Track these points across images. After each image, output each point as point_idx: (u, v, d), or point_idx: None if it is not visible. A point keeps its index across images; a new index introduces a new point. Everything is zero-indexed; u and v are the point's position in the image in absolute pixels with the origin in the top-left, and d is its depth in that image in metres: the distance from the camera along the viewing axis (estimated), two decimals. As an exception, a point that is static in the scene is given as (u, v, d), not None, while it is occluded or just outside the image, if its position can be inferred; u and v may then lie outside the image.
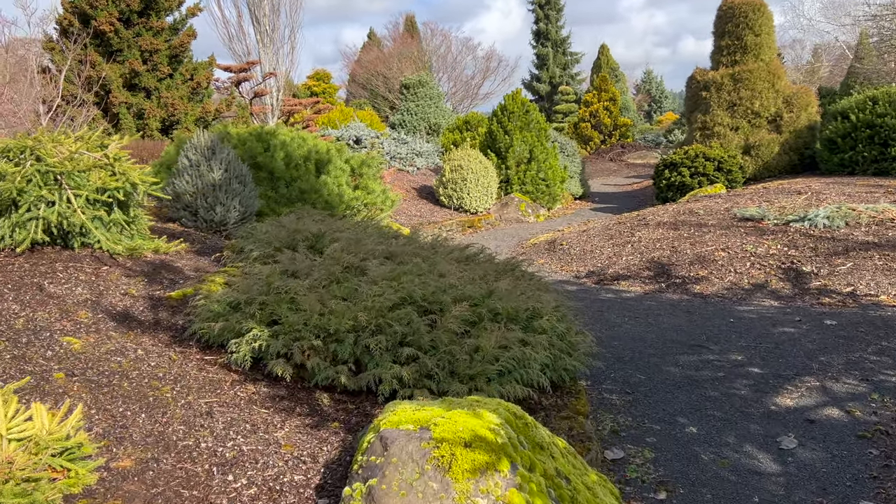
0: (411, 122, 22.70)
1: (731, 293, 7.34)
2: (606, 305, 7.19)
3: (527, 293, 4.46)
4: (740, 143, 14.08)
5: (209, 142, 7.12)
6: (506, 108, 14.65)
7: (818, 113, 14.12)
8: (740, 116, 14.18)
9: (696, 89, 14.93)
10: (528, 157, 14.51)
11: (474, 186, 13.32)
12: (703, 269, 7.95)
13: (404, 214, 12.53)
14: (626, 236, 9.51)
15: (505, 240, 11.69)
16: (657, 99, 51.71)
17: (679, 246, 8.64)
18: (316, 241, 4.83)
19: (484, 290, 4.20)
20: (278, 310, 3.61)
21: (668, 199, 13.43)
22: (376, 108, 32.06)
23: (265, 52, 18.21)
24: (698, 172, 13.12)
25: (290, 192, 8.78)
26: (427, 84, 23.40)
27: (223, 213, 6.96)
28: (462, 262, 5.41)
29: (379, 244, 5.11)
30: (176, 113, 11.84)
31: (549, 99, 41.65)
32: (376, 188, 10.15)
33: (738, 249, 8.17)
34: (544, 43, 41.72)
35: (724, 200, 10.67)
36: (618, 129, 30.59)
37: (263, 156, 8.70)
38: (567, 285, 8.16)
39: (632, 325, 6.48)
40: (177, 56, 12.40)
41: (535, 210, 14.01)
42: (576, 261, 9.18)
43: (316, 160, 9.24)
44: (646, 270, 8.28)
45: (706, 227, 9.11)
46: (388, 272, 4.12)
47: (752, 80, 13.90)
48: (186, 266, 4.85)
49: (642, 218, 10.32)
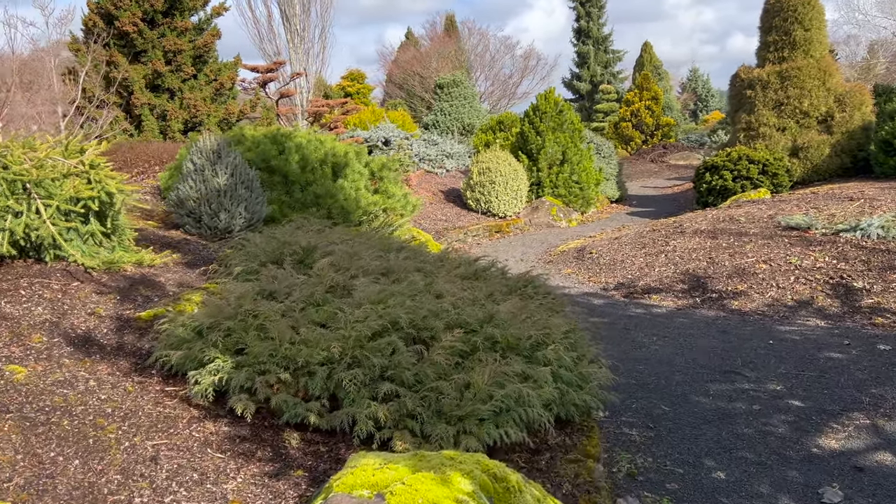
0: (444, 123, 22.30)
1: (773, 310, 6.72)
2: (634, 322, 6.66)
3: (534, 317, 3.99)
4: (787, 145, 13.28)
5: (215, 145, 6.82)
6: (538, 108, 14.12)
7: (873, 112, 13.22)
8: (788, 116, 13.38)
9: (741, 88, 14.16)
10: (561, 158, 13.95)
11: (503, 190, 12.83)
12: (743, 282, 7.35)
13: (429, 219, 12.12)
14: (659, 245, 8.93)
15: (533, 246, 11.18)
16: (703, 98, 50.31)
17: (717, 257, 8.03)
18: (306, 255, 4.44)
19: (483, 314, 3.75)
20: (245, 337, 3.23)
21: (709, 203, 12.73)
22: (412, 109, 31.77)
23: (295, 52, 18.04)
24: (741, 176, 12.39)
25: (305, 196, 8.44)
26: (461, 84, 22.96)
27: (228, 219, 6.64)
28: (469, 278, 4.97)
29: (376, 258, 4.70)
30: (198, 114, 11.65)
31: (589, 98, 40.78)
32: (397, 192, 9.76)
33: (782, 262, 7.53)
34: (585, 41, 40.86)
35: (768, 207, 9.97)
36: (660, 129, 29.68)
37: (278, 159, 8.39)
38: (593, 299, 7.64)
39: (660, 345, 5.95)
40: (201, 56, 12.22)
41: (568, 214, 13.45)
42: (605, 271, 8.63)
43: (333, 163, 8.89)
44: (679, 283, 7.70)
45: (747, 236, 8.47)
46: (375, 293, 3.70)
47: (800, 77, 13.08)
48: (170, 280, 4.52)
49: (678, 225, 9.70)
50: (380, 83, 36.24)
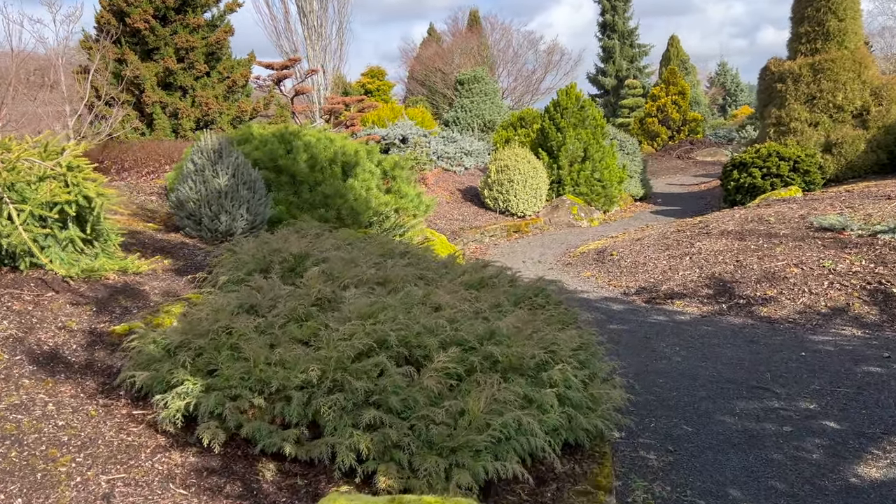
0: (465, 120, 21.94)
1: (805, 318, 6.29)
2: (655, 330, 6.27)
3: (541, 331, 3.65)
4: (820, 141, 12.71)
5: (216, 144, 6.57)
6: (559, 104, 13.70)
7: (912, 106, 12.59)
8: (820, 111, 12.80)
9: (771, 81, 13.59)
10: (583, 155, 13.53)
11: (521, 188, 12.45)
12: (772, 287, 6.91)
13: (445, 218, 11.80)
14: (684, 247, 8.50)
15: (552, 247, 10.80)
16: (732, 92, 49.25)
17: (745, 260, 7.60)
18: (297, 262, 4.15)
19: (483, 330, 3.42)
20: (217, 357, 2.94)
21: (737, 202, 12.23)
22: (434, 105, 31.44)
23: (312, 49, 17.82)
24: (771, 173, 11.87)
25: (314, 196, 8.17)
26: (482, 80, 22.57)
27: (229, 222, 6.38)
28: (474, 286, 4.64)
29: (374, 266, 4.39)
30: (210, 112, 11.45)
31: (614, 93, 40.08)
32: (410, 192, 9.45)
33: (815, 265, 7.08)
34: (610, 35, 40.15)
35: (800, 206, 9.48)
36: (687, 125, 29.00)
37: (285, 158, 8.12)
38: (613, 304, 7.26)
39: (683, 356, 5.56)
40: (213, 54, 12.00)
41: (589, 213, 13.03)
42: (626, 274, 8.23)
43: (343, 163, 8.61)
44: (705, 288, 7.29)
45: (777, 237, 8.01)
46: (365, 307, 3.39)
47: (834, 69, 12.49)
48: (156, 289, 4.25)
49: (704, 225, 9.26)
50: (401, 80, 35.99)
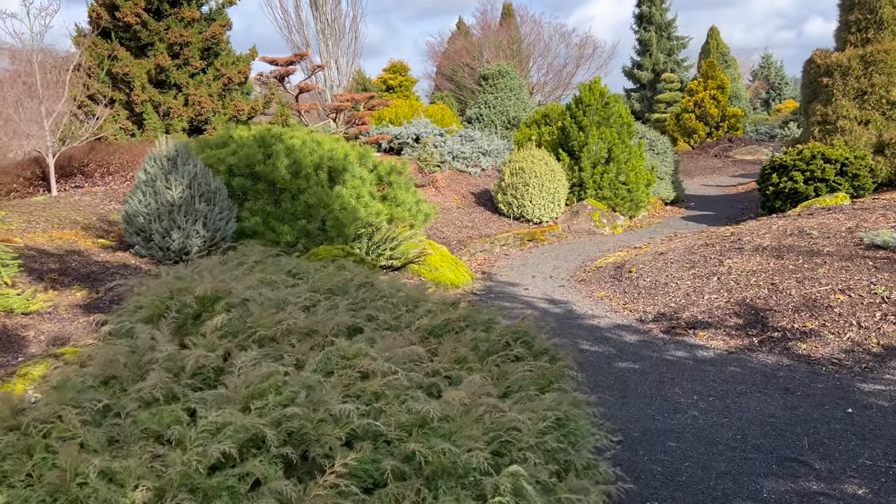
0: (489, 116, 21.01)
1: (852, 359, 5.27)
2: (672, 372, 5.32)
3: (498, 410, 2.78)
4: (871, 141, 11.48)
5: (171, 151, 5.82)
6: (581, 101, 12.71)
7: (977, 102, 11.29)
8: (872, 107, 11.57)
9: (816, 75, 12.38)
10: (606, 156, 12.52)
11: (537, 192, 11.51)
12: (813, 318, 5.89)
13: (453, 225, 10.93)
14: (712, 265, 7.50)
15: (568, 259, 9.85)
16: (776, 86, 47.35)
17: (781, 283, 6.58)
18: (203, 307, 3.34)
19: (411, 417, 2.56)
20: (22, 466, 2.14)
21: (776, 209, 11.10)
22: (461, 101, 30.55)
23: (324, 44, 17.08)
24: (815, 177, 10.71)
25: (295, 206, 7.39)
26: (508, 74, 21.61)
27: (182, 239, 5.63)
28: (436, 333, 3.78)
29: (307, 308, 3.57)
30: (204, 112, 10.76)
31: (651, 87, 38.64)
32: (407, 199, 8.61)
33: (865, 292, 6.03)
34: (647, 27, 38.68)
35: (847, 217, 8.37)
36: (726, 121, 27.56)
37: (264, 164, 7.36)
38: (626, 334, 6.31)
39: (701, 409, 4.62)
40: (210, 49, 11.33)
41: (612, 220, 12.02)
42: (644, 296, 7.27)
43: (330, 168, 7.81)
44: (733, 317, 6.30)
45: (820, 255, 6.96)
46: (258, 379, 2.56)
47: (888, 62, 11.24)
48: (42, 335, 3.49)
49: (736, 238, 8.22)
50: (428, 75, 35.18)
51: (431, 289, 4.83)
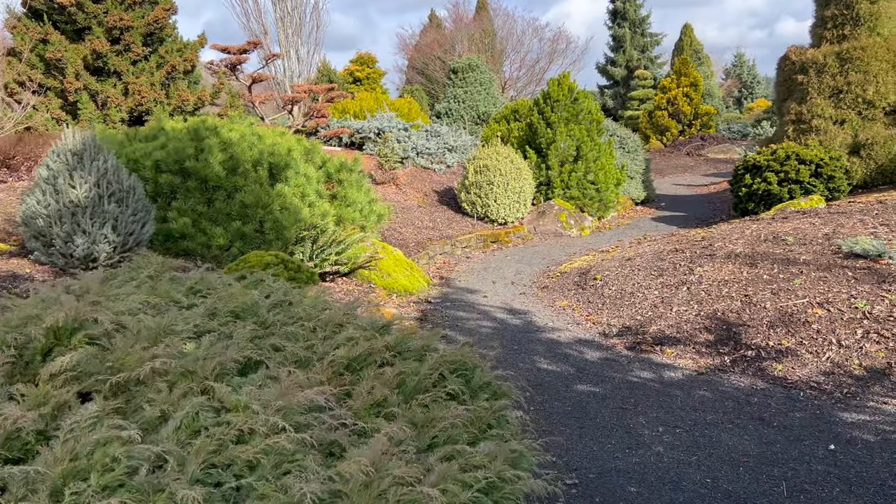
0: (458, 111, 20.42)
1: (832, 383, 4.79)
2: (636, 396, 4.79)
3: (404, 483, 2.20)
4: (846, 141, 11.11)
5: (78, 145, 5.14)
6: (549, 96, 12.17)
7: (954, 102, 10.97)
8: (848, 107, 11.19)
9: (790, 72, 11.98)
10: (575, 154, 12.00)
11: (502, 192, 10.95)
12: (790, 335, 5.41)
13: (412, 226, 10.33)
14: (681, 273, 7.00)
15: (532, 263, 9.31)
16: (748, 84, 47.36)
17: (755, 294, 6.09)
18: (58, 339, 2.71)
19: (288, 499, 1.96)
20: None
21: (748, 211, 10.68)
22: (431, 96, 29.92)
23: (284, 32, 16.34)
24: (789, 179, 10.30)
25: (230, 206, 6.73)
26: (478, 68, 21.02)
27: (87, 244, 4.96)
28: (353, 367, 3.19)
29: (198, 337, 2.96)
30: (145, 102, 10.01)
31: (625, 84, 38.33)
32: (359, 198, 7.99)
33: (844, 306, 5.57)
34: (621, 23, 38.34)
35: (823, 221, 7.94)
36: (699, 119, 27.28)
37: (195, 159, 6.69)
38: (587, 350, 5.78)
39: (667, 444, 4.09)
40: (153, 35, 10.57)
41: (580, 221, 11.51)
42: (608, 307, 6.75)
43: (270, 164, 7.16)
44: (704, 332, 5.79)
45: (796, 264, 6.49)
46: (84, 447, 1.95)
47: (865, 59, 10.86)
48: None
49: (708, 244, 7.74)
50: (397, 67, 34.49)
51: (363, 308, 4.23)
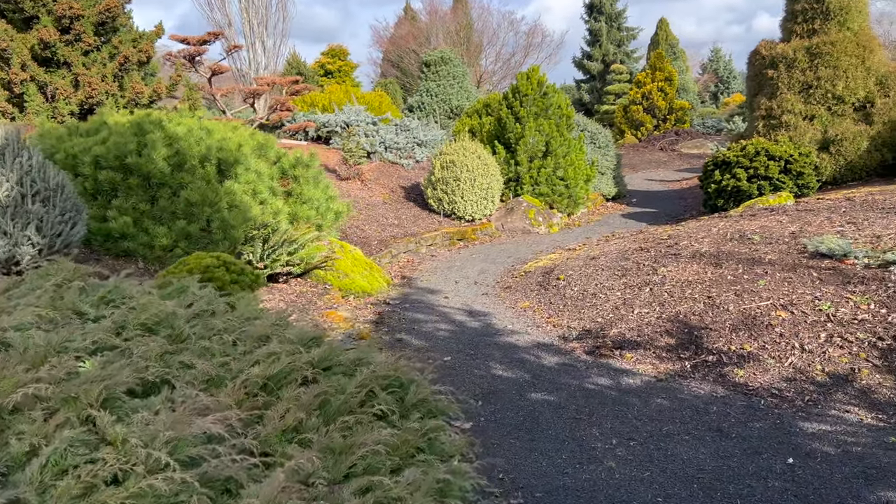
0: (430, 105, 20.13)
1: (794, 390, 4.62)
2: (592, 405, 4.58)
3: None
4: (816, 137, 11.01)
5: (0, 139, 4.80)
6: (518, 90, 11.93)
7: (923, 98, 10.90)
8: (817, 102, 11.09)
9: (761, 67, 11.86)
10: (544, 150, 11.78)
11: (469, 188, 10.71)
12: (752, 339, 5.23)
13: (376, 223, 10.05)
14: (645, 273, 6.81)
15: (497, 261, 9.08)
16: (725, 79, 47.57)
17: (719, 296, 5.91)
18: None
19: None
20: None
21: (718, 208, 10.54)
22: (406, 88, 29.58)
23: (248, 23, 15.93)
24: (758, 175, 10.17)
25: (175, 205, 6.41)
26: (451, 61, 20.74)
27: (8, 247, 4.63)
28: (270, 387, 2.93)
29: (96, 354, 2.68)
30: (96, 94, 9.62)
31: (601, 78, 38.24)
32: (315, 195, 7.70)
33: (808, 308, 5.40)
34: (597, 17, 38.21)
35: (791, 219, 7.80)
36: (673, 113, 27.27)
37: (137, 155, 6.35)
38: (545, 355, 5.56)
39: (620, 458, 3.87)
40: (105, 24, 10.15)
41: (548, 218, 11.30)
42: (570, 308, 6.54)
43: (219, 160, 6.84)
44: (665, 335, 5.60)
45: (761, 264, 6.33)
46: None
47: (834, 54, 10.76)
48: None
49: (674, 243, 7.56)
50: (371, 60, 34.10)
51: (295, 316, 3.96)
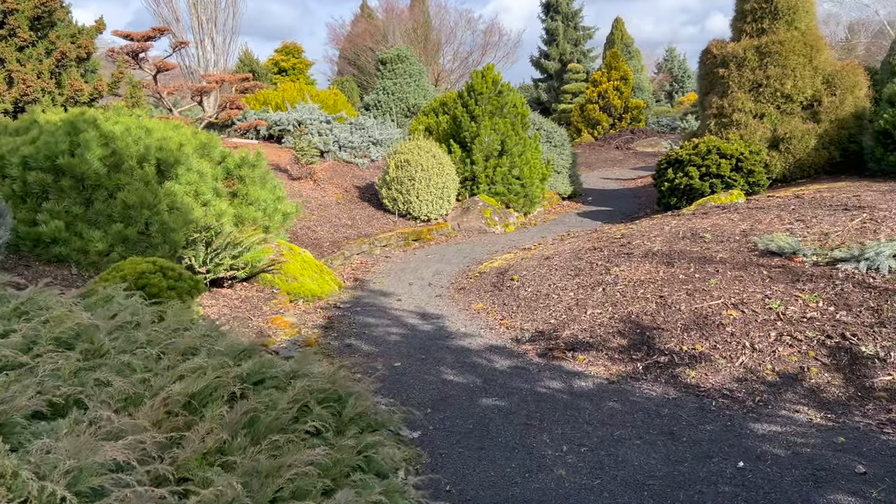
0: (387, 103, 19.91)
1: (745, 391, 4.59)
2: (543, 409, 4.47)
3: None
4: (766, 135, 11.15)
5: (-88, 140, 4.48)
6: (473, 89, 11.82)
7: (868, 97, 11.13)
8: (767, 101, 11.23)
9: (712, 66, 11.97)
10: (500, 149, 11.70)
11: (424, 187, 10.56)
12: (704, 339, 5.20)
13: (328, 224, 9.83)
14: (598, 273, 6.75)
15: (452, 262, 8.96)
16: (679, 78, 48.31)
17: (671, 295, 5.88)
18: None
19: None
20: None
21: (671, 206, 10.59)
22: (363, 87, 29.28)
23: (196, 19, 15.51)
24: (710, 173, 10.24)
25: (111, 207, 6.12)
26: (407, 59, 20.56)
27: (-78, 256, 4.32)
28: (195, 403, 2.74)
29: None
30: (31, 92, 9.20)
31: (558, 78, 38.46)
32: (264, 196, 7.46)
33: (759, 307, 5.40)
34: (554, 16, 38.41)
35: (742, 217, 7.85)
36: (629, 112, 27.54)
37: (70, 155, 6.04)
38: (497, 358, 5.44)
39: (570, 466, 3.77)
40: (41, 18, 9.71)
41: (504, 217, 11.22)
42: (523, 310, 6.45)
43: (159, 160, 6.56)
44: (617, 336, 5.54)
45: (713, 263, 6.32)
46: None
47: (783, 53, 10.91)
48: None
49: (626, 242, 7.53)
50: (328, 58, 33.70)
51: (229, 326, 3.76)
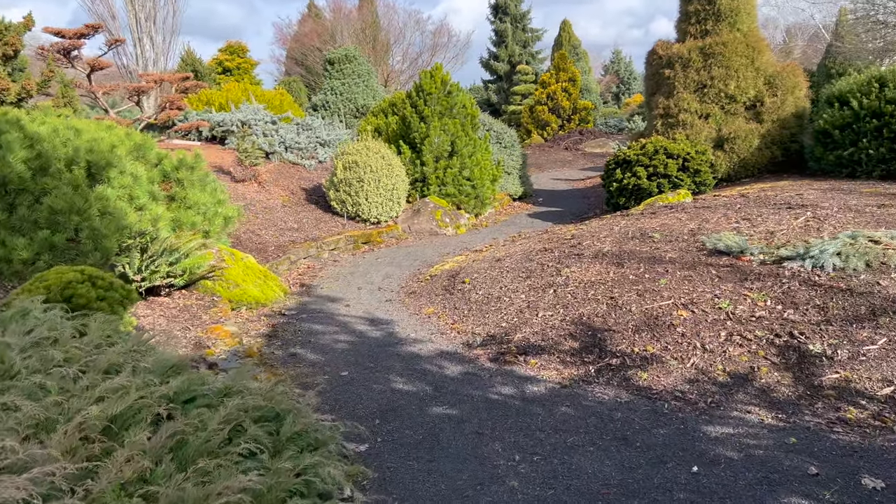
0: (335, 104, 19.61)
1: (697, 392, 4.55)
2: (494, 418, 4.34)
3: None
4: (711, 135, 11.32)
5: None
6: (422, 89, 11.67)
7: (807, 97, 11.40)
8: (711, 101, 11.40)
9: (658, 66, 12.10)
10: (450, 150, 11.58)
11: (374, 189, 10.36)
12: (655, 340, 5.16)
13: (273, 228, 9.54)
14: (549, 274, 6.68)
15: (403, 265, 8.78)
16: (625, 80, 49.13)
17: (621, 296, 5.83)
18: None
19: None
20: None
21: (620, 206, 10.64)
22: (311, 87, 28.84)
23: (134, 17, 14.97)
24: (658, 173, 10.32)
25: (37, 213, 5.75)
26: (356, 59, 20.28)
27: None
28: (116, 427, 2.52)
29: None
30: (-50, 91, 8.66)
31: (507, 79, 38.63)
32: (203, 200, 7.16)
33: (709, 306, 5.39)
34: (503, 18, 38.55)
35: (690, 216, 7.89)
36: (577, 113, 27.80)
37: (-11, 158, 5.66)
38: (448, 364, 5.30)
39: (523, 477, 3.65)
40: (-38, 13, 9.18)
41: (456, 219, 11.10)
42: (475, 313, 6.32)
43: (89, 163, 6.21)
44: (569, 339, 5.46)
45: (662, 263, 6.31)
46: None
47: (726, 54, 11.08)
48: None
49: (577, 243, 7.49)
50: (274, 58, 33.13)
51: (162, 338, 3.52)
